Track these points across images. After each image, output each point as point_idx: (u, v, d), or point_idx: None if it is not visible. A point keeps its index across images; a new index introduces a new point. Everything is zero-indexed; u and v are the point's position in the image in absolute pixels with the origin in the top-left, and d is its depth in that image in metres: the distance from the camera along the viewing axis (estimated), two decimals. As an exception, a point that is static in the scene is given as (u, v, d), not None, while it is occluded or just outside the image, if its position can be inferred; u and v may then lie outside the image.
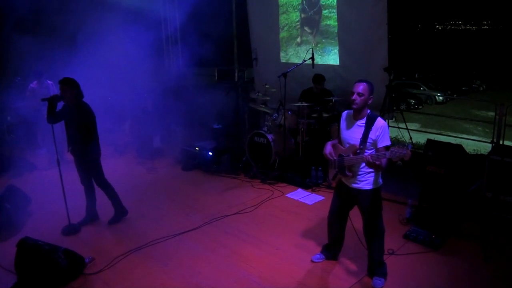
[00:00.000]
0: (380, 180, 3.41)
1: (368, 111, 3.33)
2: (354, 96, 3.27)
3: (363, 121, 3.30)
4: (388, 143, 3.22)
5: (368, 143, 3.26)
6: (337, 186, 3.64)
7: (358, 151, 3.28)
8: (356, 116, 3.36)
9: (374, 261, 3.57)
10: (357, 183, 3.40)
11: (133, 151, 7.68)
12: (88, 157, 4.57)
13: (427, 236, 4.18)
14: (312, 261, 3.91)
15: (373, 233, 3.51)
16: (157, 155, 7.50)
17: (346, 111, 3.49)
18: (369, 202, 3.42)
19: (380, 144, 3.23)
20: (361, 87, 3.27)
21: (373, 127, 3.23)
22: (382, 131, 3.22)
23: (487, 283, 3.58)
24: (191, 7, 7.34)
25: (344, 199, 3.60)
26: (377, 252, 3.55)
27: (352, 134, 3.36)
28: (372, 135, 3.24)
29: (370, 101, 3.29)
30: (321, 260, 3.91)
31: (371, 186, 3.37)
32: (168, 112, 7.78)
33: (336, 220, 3.72)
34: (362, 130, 3.28)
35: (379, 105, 6.03)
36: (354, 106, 3.29)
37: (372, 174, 3.34)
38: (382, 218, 3.50)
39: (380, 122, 3.25)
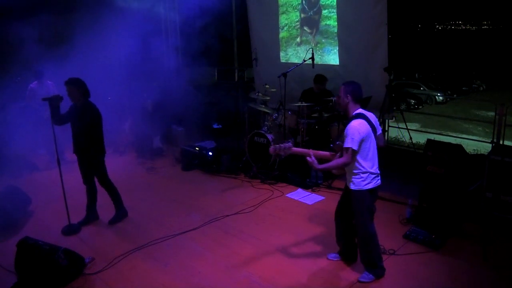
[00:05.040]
0: (366, 185, 3.38)
1: (354, 113, 3.41)
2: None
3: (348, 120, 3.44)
4: (346, 145, 3.26)
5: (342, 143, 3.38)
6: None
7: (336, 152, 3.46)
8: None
9: (363, 262, 3.60)
10: (347, 181, 3.51)
11: (133, 151, 7.68)
12: (92, 157, 4.57)
13: (427, 236, 4.18)
14: (327, 258, 3.93)
15: (359, 235, 3.55)
16: (157, 155, 7.51)
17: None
18: (354, 202, 3.49)
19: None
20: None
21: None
22: (346, 132, 3.30)
23: (487, 283, 3.58)
24: (191, 7, 7.34)
25: (344, 195, 3.68)
26: (364, 255, 3.57)
27: None
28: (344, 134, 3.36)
29: (345, 100, 3.43)
30: (335, 259, 3.91)
31: (354, 186, 3.43)
32: (168, 112, 7.78)
33: (337, 215, 3.77)
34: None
35: (379, 105, 6.03)
36: None
37: (354, 174, 3.41)
38: (369, 223, 3.47)
39: (350, 124, 3.32)
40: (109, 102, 7.69)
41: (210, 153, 6.69)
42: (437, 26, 42.23)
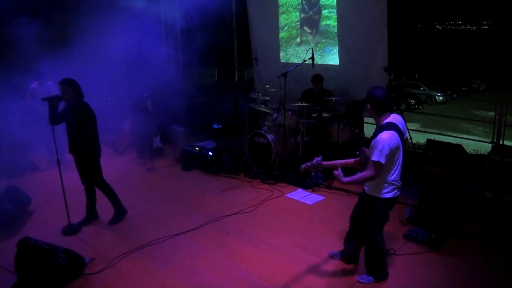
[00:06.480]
0: (384, 193, 3.28)
1: (385, 121, 3.23)
2: None
3: (377, 130, 3.27)
4: (374, 158, 3.10)
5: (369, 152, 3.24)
6: None
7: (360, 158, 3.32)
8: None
9: (366, 264, 3.60)
10: (365, 185, 3.43)
11: (133, 151, 7.68)
12: (87, 157, 4.57)
13: (427, 236, 4.19)
14: (328, 255, 3.95)
15: (365, 239, 3.53)
16: (157, 155, 7.50)
17: None
18: (365, 205, 3.45)
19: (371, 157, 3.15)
20: None
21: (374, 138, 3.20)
22: (374, 144, 3.13)
23: (487, 283, 3.58)
24: (191, 7, 7.34)
25: (360, 199, 3.63)
26: (368, 258, 3.57)
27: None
28: (372, 145, 3.20)
29: (368, 107, 3.28)
30: (336, 257, 3.92)
31: (371, 191, 3.35)
32: (168, 112, 7.78)
33: (351, 217, 3.74)
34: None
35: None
36: None
37: (374, 181, 3.30)
38: (376, 230, 3.43)
39: (379, 136, 3.13)
40: (109, 102, 7.69)
41: (210, 153, 6.69)
42: (437, 26, 42.19)
